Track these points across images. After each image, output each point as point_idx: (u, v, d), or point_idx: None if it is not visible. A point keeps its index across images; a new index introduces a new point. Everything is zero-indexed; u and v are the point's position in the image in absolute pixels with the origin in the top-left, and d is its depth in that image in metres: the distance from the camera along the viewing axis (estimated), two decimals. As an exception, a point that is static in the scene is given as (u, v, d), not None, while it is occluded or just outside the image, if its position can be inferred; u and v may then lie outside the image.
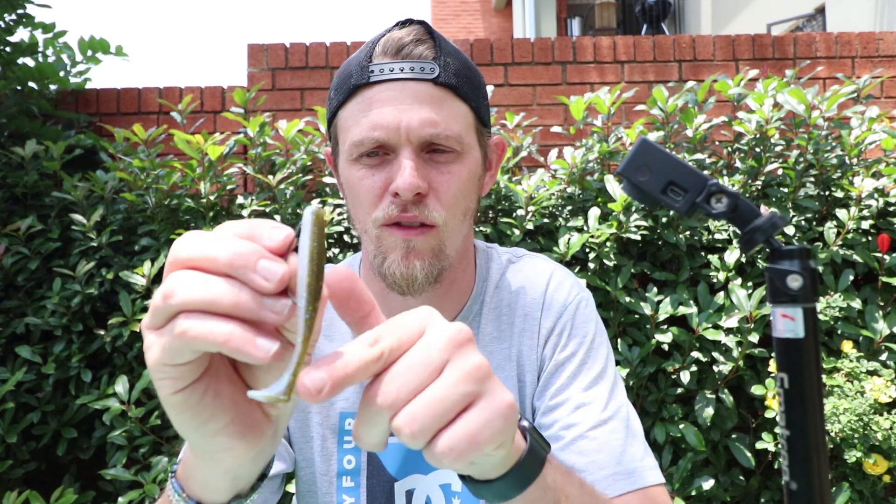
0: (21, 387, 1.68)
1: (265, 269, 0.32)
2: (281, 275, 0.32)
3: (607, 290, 1.67)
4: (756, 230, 0.38)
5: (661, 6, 7.67)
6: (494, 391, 0.36)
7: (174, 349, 0.33)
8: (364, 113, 0.64)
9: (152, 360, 0.34)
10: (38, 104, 2.14)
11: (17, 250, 1.77)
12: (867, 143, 1.77)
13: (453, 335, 0.35)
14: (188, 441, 0.41)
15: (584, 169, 1.80)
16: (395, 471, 0.72)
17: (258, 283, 0.32)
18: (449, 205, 0.65)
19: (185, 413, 0.36)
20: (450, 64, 0.65)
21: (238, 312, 0.32)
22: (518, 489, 0.42)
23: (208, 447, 0.39)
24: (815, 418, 0.36)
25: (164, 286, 0.33)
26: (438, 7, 9.37)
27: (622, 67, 2.41)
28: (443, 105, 0.64)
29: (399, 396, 0.33)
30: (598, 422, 0.68)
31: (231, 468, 0.42)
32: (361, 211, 0.66)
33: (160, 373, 0.34)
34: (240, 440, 0.38)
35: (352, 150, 0.65)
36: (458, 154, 0.66)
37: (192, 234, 0.34)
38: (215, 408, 0.37)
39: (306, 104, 2.33)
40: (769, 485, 1.70)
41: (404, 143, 0.63)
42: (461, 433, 0.34)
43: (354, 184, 0.66)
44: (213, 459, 0.41)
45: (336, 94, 0.68)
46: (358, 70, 0.65)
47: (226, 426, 0.37)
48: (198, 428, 0.37)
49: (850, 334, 1.66)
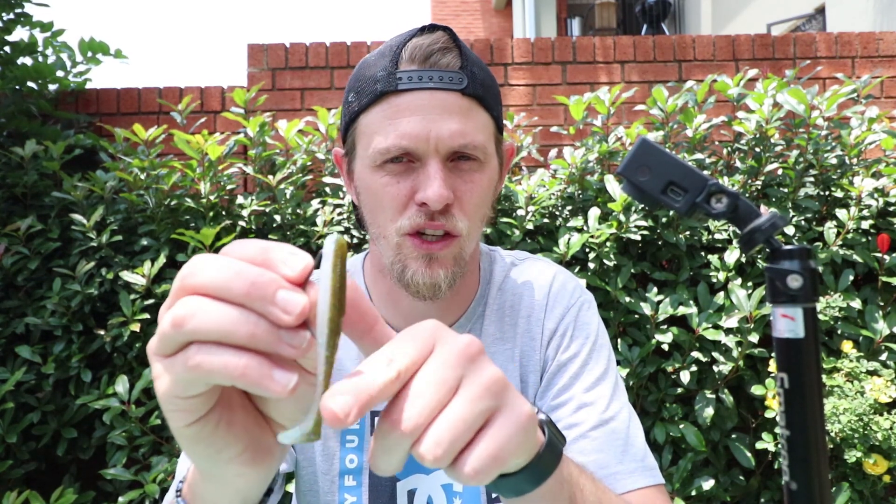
0: (21, 387, 1.68)
1: (284, 300, 0.30)
2: (301, 307, 0.30)
3: (607, 290, 1.67)
4: (756, 230, 0.38)
5: (661, 6, 7.67)
6: (513, 404, 0.35)
7: (186, 381, 0.32)
8: (391, 121, 0.64)
9: (162, 391, 0.33)
10: (38, 104, 2.14)
11: (17, 250, 1.77)
12: (867, 143, 1.77)
13: (464, 349, 0.35)
14: (200, 468, 0.40)
15: (584, 169, 1.80)
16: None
17: (276, 316, 0.30)
18: (471, 213, 0.66)
19: (199, 445, 0.35)
20: (476, 74, 0.66)
21: (254, 345, 0.30)
22: (536, 483, 0.41)
23: (221, 474, 0.38)
24: (815, 418, 0.36)
25: (173, 312, 0.31)
26: (438, 7, 9.37)
27: (622, 67, 2.41)
28: (469, 116, 0.65)
29: (419, 422, 0.32)
30: (599, 422, 0.69)
31: (242, 489, 0.41)
32: (383, 217, 0.66)
33: (171, 405, 0.33)
34: (252, 466, 0.37)
35: (376, 156, 0.65)
36: (480, 163, 0.67)
37: (203, 258, 0.32)
38: (229, 437, 0.36)
39: (306, 104, 2.33)
40: (769, 485, 1.70)
41: (432, 153, 0.63)
42: (485, 453, 0.33)
43: (377, 190, 0.66)
44: (225, 485, 0.40)
45: (357, 98, 0.67)
46: (384, 76, 0.64)
47: (239, 454, 0.36)
48: (211, 457, 0.36)
49: (850, 334, 1.66)
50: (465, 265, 0.69)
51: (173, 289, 0.32)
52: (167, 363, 0.32)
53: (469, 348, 0.35)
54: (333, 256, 0.31)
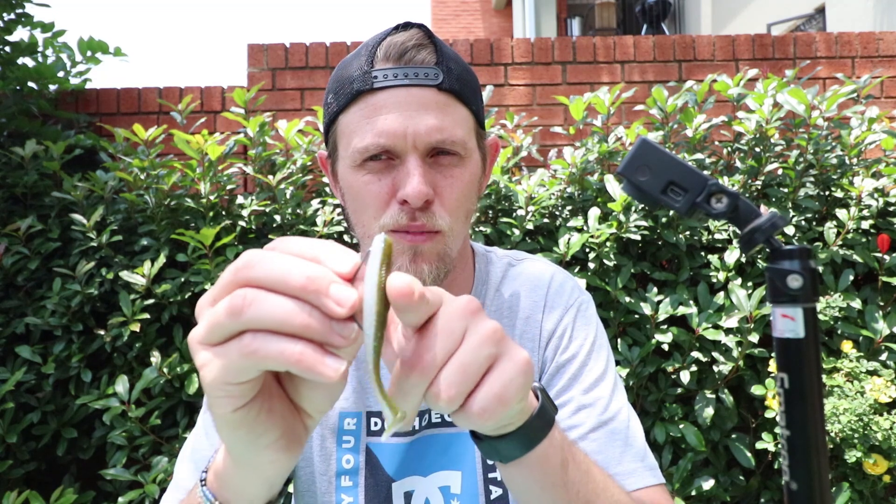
0: (21, 387, 1.68)
1: (337, 294, 0.32)
2: (353, 301, 0.33)
3: (607, 290, 1.67)
4: (756, 230, 0.38)
5: (661, 6, 7.67)
6: (511, 350, 0.40)
7: (239, 368, 0.33)
8: (368, 119, 0.64)
9: (211, 377, 0.34)
10: (38, 104, 2.14)
11: (17, 250, 1.77)
12: (867, 143, 1.77)
13: (466, 306, 0.39)
14: (235, 454, 0.42)
15: (584, 169, 1.80)
16: (393, 472, 0.72)
17: (330, 308, 0.32)
18: (453, 209, 0.66)
19: (241, 430, 0.37)
20: (451, 69, 0.66)
21: (307, 334, 0.32)
22: (530, 445, 0.45)
23: (256, 460, 0.40)
24: (815, 418, 0.36)
25: (230, 301, 0.33)
26: (438, 7, 9.37)
27: (622, 67, 2.41)
28: (447, 111, 0.65)
29: (433, 366, 0.36)
30: (598, 423, 0.69)
31: (271, 477, 0.43)
32: (366, 216, 0.67)
33: (220, 391, 0.35)
34: (285, 452, 0.40)
35: (355, 155, 0.65)
36: (461, 158, 0.67)
37: (258, 253, 0.34)
38: (269, 424, 0.38)
39: (306, 104, 2.33)
40: (769, 485, 1.70)
41: (411, 149, 0.63)
42: (491, 394, 0.37)
43: (359, 188, 0.66)
44: (256, 471, 0.42)
45: (335, 99, 0.68)
46: (360, 76, 0.65)
47: (276, 440, 0.39)
48: (251, 443, 0.38)
49: (850, 334, 1.66)
50: (451, 263, 0.68)
51: (224, 281, 0.35)
52: (218, 351, 0.34)
53: (470, 304, 0.39)
54: (381, 253, 0.34)
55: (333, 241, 0.36)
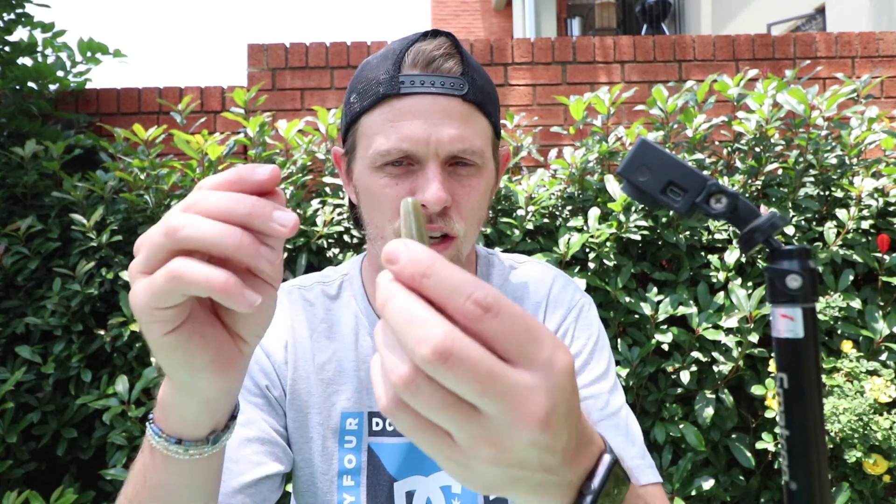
0: (21, 387, 1.68)
1: (280, 217, 0.35)
2: (294, 221, 0.35)
3: (607, 290, 1.67)
4: (755, 230, 0.38)
5: (661, 6, 7.67)
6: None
7: (165, 292, 0.35)
8: (392, 123, 0.65)
9: (141, 303, 0.36)
10: (38, 104, 2.14)
11: (17, 250, 1.77)
12: (867, 143, 1.77)
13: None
14: (173, 378, 0.44)
15: (583, 169, 1.80)
16: (395, 471, 0.73)
17: (276, 229, 0.35)
18: (468, 217, 0.68)
19: (176, 352, 0.39)
20: (476, 80, 0.67)
21: (238, 255, 0.35)
22: None
23: (192, 382, 0.42)
24: (815, 418, 0.36)
25: (166, 222, 0.35)
26: (438, 7, 9.36)
27: (622, 67, 2.41)
28: (469, 121, 0.66)
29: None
30: (601, 416, 0.70)
31: (211, 400, 0.46)
32: (381, 217, 0.67)
33: (150, 316, 0.37)
34: (220, 374, 0.42)
35: (376, 157, 0.66)
36: (478, 168, 0.68)
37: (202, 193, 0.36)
38: (201, 347, 0.40)
39: (306, 104, 2.33)
40: (769, 485, 1.70)
41: (432, 156, 0.64)
42: None
43: (376, 191, 0.67)
44: (193, 393, 0.44)
45: (359, 99, 0.68)
46: (387, 79, 0.65)
47: (210, 363, 0.41)
48: (186, 365, 0.40)
49: (849, 334, 1.66)
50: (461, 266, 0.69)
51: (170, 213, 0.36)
52: (150, 278, 0.36)
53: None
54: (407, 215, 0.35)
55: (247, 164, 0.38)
